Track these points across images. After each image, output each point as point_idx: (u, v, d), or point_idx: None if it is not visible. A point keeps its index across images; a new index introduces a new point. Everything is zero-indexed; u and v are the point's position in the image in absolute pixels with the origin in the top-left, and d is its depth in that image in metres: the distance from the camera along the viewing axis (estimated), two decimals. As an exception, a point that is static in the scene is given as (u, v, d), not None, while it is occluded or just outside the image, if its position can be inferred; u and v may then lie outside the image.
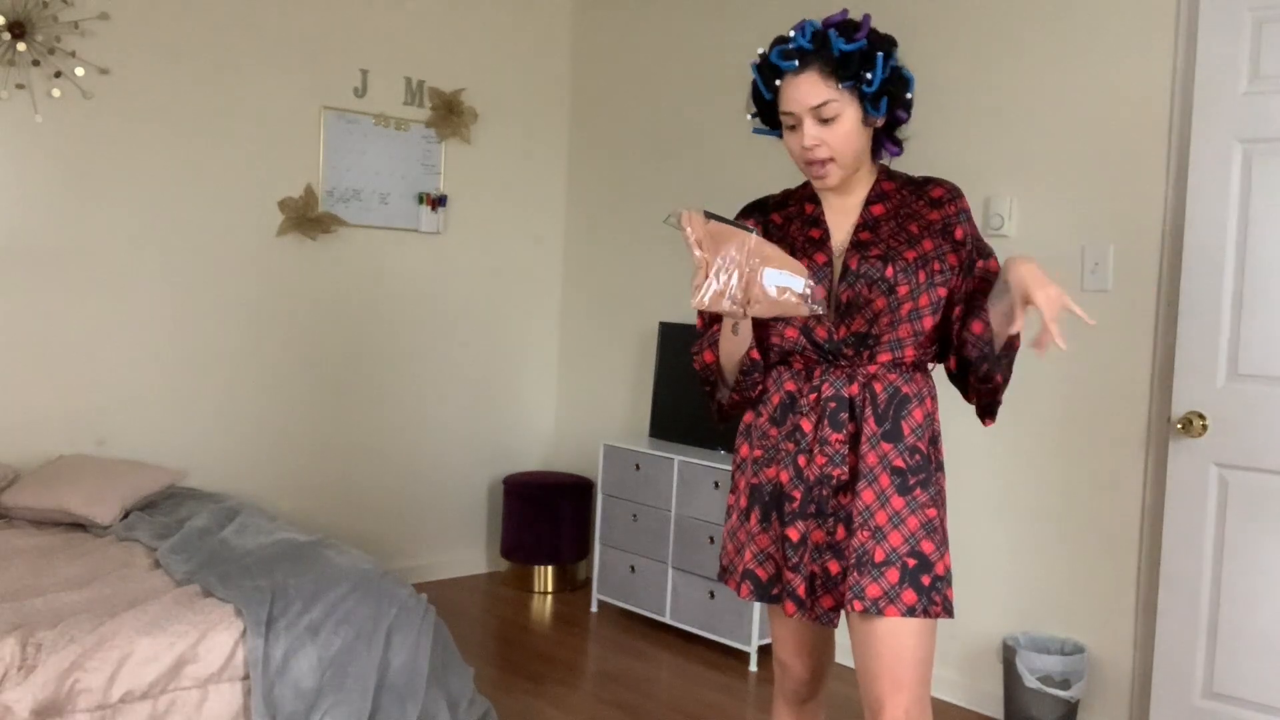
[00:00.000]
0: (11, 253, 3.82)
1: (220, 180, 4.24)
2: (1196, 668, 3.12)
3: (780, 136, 2.11)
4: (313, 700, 2.73)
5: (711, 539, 4.06)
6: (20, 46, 3.74)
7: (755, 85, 2.07)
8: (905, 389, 2.05)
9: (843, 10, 2.04)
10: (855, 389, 2.04)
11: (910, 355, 2.05)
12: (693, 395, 4.37)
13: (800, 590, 2.04)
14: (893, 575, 1.98)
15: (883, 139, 2.10)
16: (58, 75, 3.82)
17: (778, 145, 2.60)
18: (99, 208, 3.98)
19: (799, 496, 2.04)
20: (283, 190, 4.40)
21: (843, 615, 2.08)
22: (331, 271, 4.56)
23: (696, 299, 1.83)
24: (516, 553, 4.83)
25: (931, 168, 2.22)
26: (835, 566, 2.03)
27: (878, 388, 2.03)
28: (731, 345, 2.07)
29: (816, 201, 2.13)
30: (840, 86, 1.97)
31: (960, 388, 2.12)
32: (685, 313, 4.58)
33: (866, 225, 2.06)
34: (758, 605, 3.93)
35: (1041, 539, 3.54)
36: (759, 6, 4.38)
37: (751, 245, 1.82)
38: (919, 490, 2.02)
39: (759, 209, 2.20)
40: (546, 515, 4.76)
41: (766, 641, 4.00)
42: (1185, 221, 3.14)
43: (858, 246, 2.04)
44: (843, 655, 3.83)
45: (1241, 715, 3.04)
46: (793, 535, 2.04)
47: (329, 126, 4.50)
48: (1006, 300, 1.92)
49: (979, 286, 2.05)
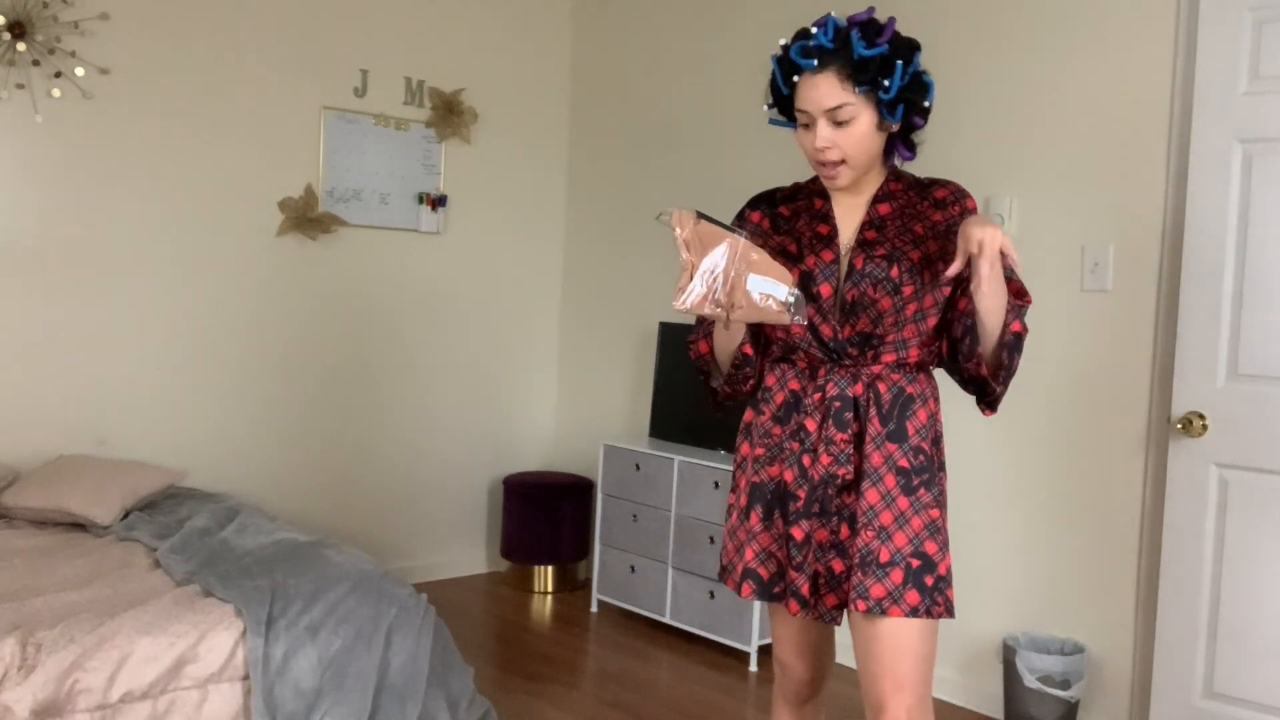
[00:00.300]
0: (11, 253, 3.82)
1: (220, 180, 4.24)
2: (1196, 668, 3.12)
3: (794, 128, 2.09)
4: (313, 700, 2.73)
5: (711, 539, 4.06)
6: (20, 46, 3.74)
7: (773, 78, 2.05)
8: (909, 389, 2.05)
9: (869, 9, 2.01)
10: (860, 389, 2.03)
11: (915, 356, 2.05)
12: (693, 395, 4.37)
13: (804, 589, 2.05)
14: (897, 575, 1.98)
15: (896, 142, 2.09)
16: (58, 75, 3.82)
17: (778, 145, 2.61)
18: (99, 208, 3.98)
19: (803, 495, 2.04)
20: (283, 190, 4.40)
21: (845, 615, 2.08)
22: (331, 271, 4.56)
23: (680, 301, 1.85)
24: (516, 553, 4.83)
25: (932, 168, 2.22)
26: (839, 565, 2.03)
27: (882, 388, 2.03)
28: (723, 339, 2.09)
29: (826, 197, 2.12)
30: (857, 90, 1.95)
31: (954, 374, 2.09)
32: (685, 314, 4.57)
33: (872, 224, 2.05)
34: (758, 605, 3.93)
35: (1041, 539, 3.54)
36: (759, 6, 4.38)
37: (739, 249, 1.82)
38: (923, 491, 2.02)
39: (767, 201, 2.19)
40: (546, 515, 4.76)
41: (766, 641, 4.00)
42: (1185, 221, 3.14)
43: (863, 246, 2.03)
44: (844, 655, 3.83)
45: (1241, 715, 3.04)
46: (797, 534, 2.05)
47: (329, 126, 4.50)
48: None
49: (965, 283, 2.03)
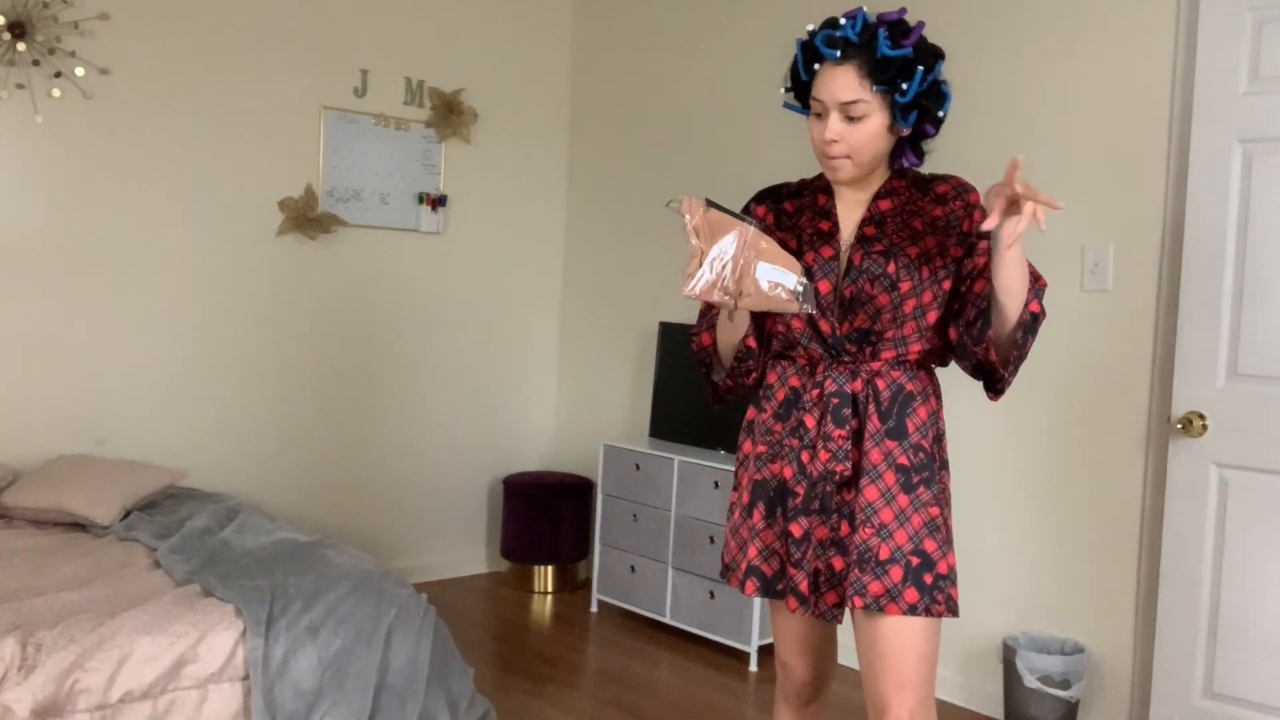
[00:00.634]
0: (11, 253, 3.82)
1: (220, 180, 4.24)
2: (1196, 668, 3.11)
3: (807, 115, 2.09)
4: (313, 700, 2.73)
5: (712, 539, 4.06)
6: (20, 46, 3.74)
7: (795, 62, 2.06)
8: (909, 386, 2.04)
9: (901, 9, 2.01)
10: (859, 385, 2.03)
11: (915, 353, 2.05)
12: (693, 395, 4.37)
13: (803, 586, 2.04)
14: (896, 573, 1.98)
15: (905, 148, 2.09)
16: (58, 75, 3.82)
17: (779, 144, 2.60)
18: (99, 208, 3.98)
19: (802, 492, 2.04)
20: (283, 190, 4.40)
21: (847, 614, 2.07)
22: (331, 271, 4.56)
23: (688, 287, 1.83)
24: (516, 553, 4.83)
25: (931, 168, 2.22)
26: (839, 563, 2.02)
27: (881, 384, 2.03)
28: (727, 332, 2.07)
29: (829, 193, 2.12)
30: (875, 89, 1.95)
31: (963, 359, 2.05)
32: (685, 313, 4.58)
33: (872, 220, 2.06)
34: (758, 605, 3.93)
35: (1041, 539, 3.54)
36: (759, 6, 4.38)
37: (749, 237, 1.82)
38: (923, 488, 2.02)
39: (772, 196, 2.19)
40: (546, 515, 4.76)
41: (766, 641, 4.00)
42: (1185, 221, 3.14)
43: (862, 242, 2.04)
44: (845, 656, 3.83)
45: (1241, 715, 3.04)
46: (795, 531, 2.04)
47: (329, 126, 4.50)
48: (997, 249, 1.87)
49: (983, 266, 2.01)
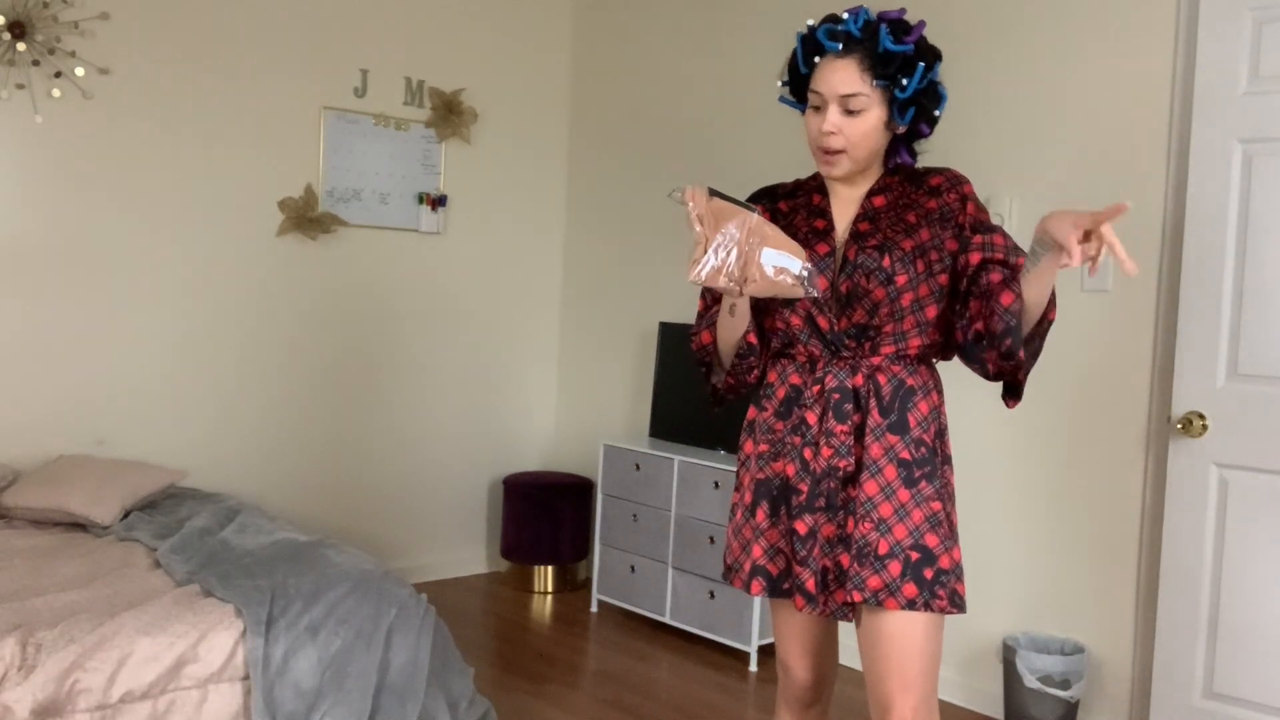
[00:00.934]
0: (11, 253, 3.82)
1: (220, 180, 4.24)
2: (1196, 668, 3.12)
3: (802, 110, 2.10)
4: (313, 700, 2.73)
5: (712, 539, 4.06)
6: (20, 46, 3.74)
7: (794, 55, 2.07)
8: (910, 381, 2.04)
9: (900, 9, 2.04)
10: (859, 380, 2.03)
11: (915, 347, 2.05)
12: (693, 395, 4.37)
13: (810, 585, 2.03)
14: (895, 568, 1.98)
15: (900, 147, 2.10)
16: (58, 75, 3.82)
17: (779, 143, 2.60)
18: (99, 208, 3.98)
19: (806, 489, 2.03)
20: (283, 190, 4.40)
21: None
22: (331, 271, 4.56)
23: (693, 273, 1.82)
24: (516, 553, 4.83)
25: (931, 165, 2.22)
26: (847, 560, 2.01)
27: (882, 379, 2.03)
28: (728, 327, 2.07)
29: (824, 193, 2.13)
30: (874, 84, 1.97)
31: (976, 364, 2.02)
32: (685, 313, 4.58)
33: (866, 216, 2.06)
34: (758, 605, 3.92)
35: (1042, 539, 3.54)
36: (759, 7, 4.38)
37: (752, 224, 1.82)
38: (924, 483, 2.02)
39: (768, 195, 2.21)
40: (546, 515, 4.76)
41: (766, 641, 4.00)
42: (1185, 221, 3.14)
43: (856, 238, 2.04)
44: (847, 655, 3.83)
45: (1241, 715, 3.04)
46: (800, 529, 2.03)
47: (329, 126, 4.50)
48: (1048, 257, 1.84)
49: (986, 260, 1.97)
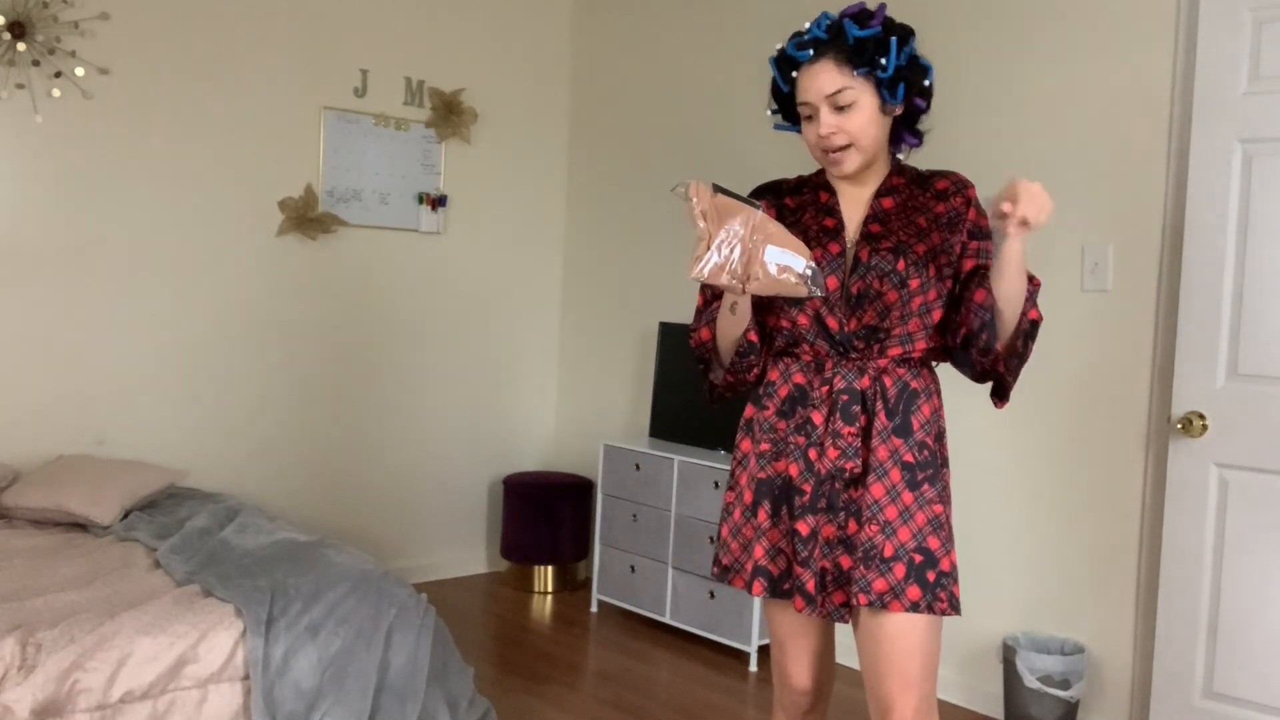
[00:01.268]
0: (11, 252, 3.82)
1: (220, 180, 4.24)
2: (1196, 668, 3.12)
3: (799, 132, 2.10)
4: (313, 700, 2.73)
5: (711, 539, 4.06)
6: (20, 46, 3.74)
7: (774, 80, 2.07)
8: (914, 384, 2.05)
9: (859, 3, 2.04)
10: (866, 382, 2.03)
11: (920, 350, 2.05)
12: (693, 395, 4.37)
13: (810, 585, 2.02)
14: (900, 570, 1.98)
15: (902, 130, 2.10)
16: (58, 75, 3.82)
17: (779, 144, 2.60)
18: (99, 208, 3.98)
19: (809, 490, 2.03)
20: (283, 190, 4.40)
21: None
22: (331, 271, 4.56)
23: (696, 270, 1.81)
24: (516, 553, 4.83)
25: (932, 167, 2.22)
26: (847, 561, 2.01)
27: (888, 382, 2.03)
28: (729, 325, 2.05)
29: (831, 190, 2.12)
30: (856, 74, 1.97)
31: (964, 367, 2.07)
32: (685, 313, 4.58)
33: (876, 218, 2.06)
34: (758, 605, 3.92)
35: (1042, 539, 3.54)
36: (759, 7, 4.39)
37: (756, 221, 1.80)
38: (926, 486, 2.02)
39: (773, 191, 2.19)
40: (546, 515, 4.76)
41: (766, 641, 4.00)
42: (1185, 221, 3.14)
43: (869, 239, 2.03)
44: (845, 655, 3.83)
45: (1241, 715, 3.04)
46: (802, 529, 2.03)
47: (329, 126, 4.50)
48: (1002, 243, 1.90)
49: (979, 266, 2.03)
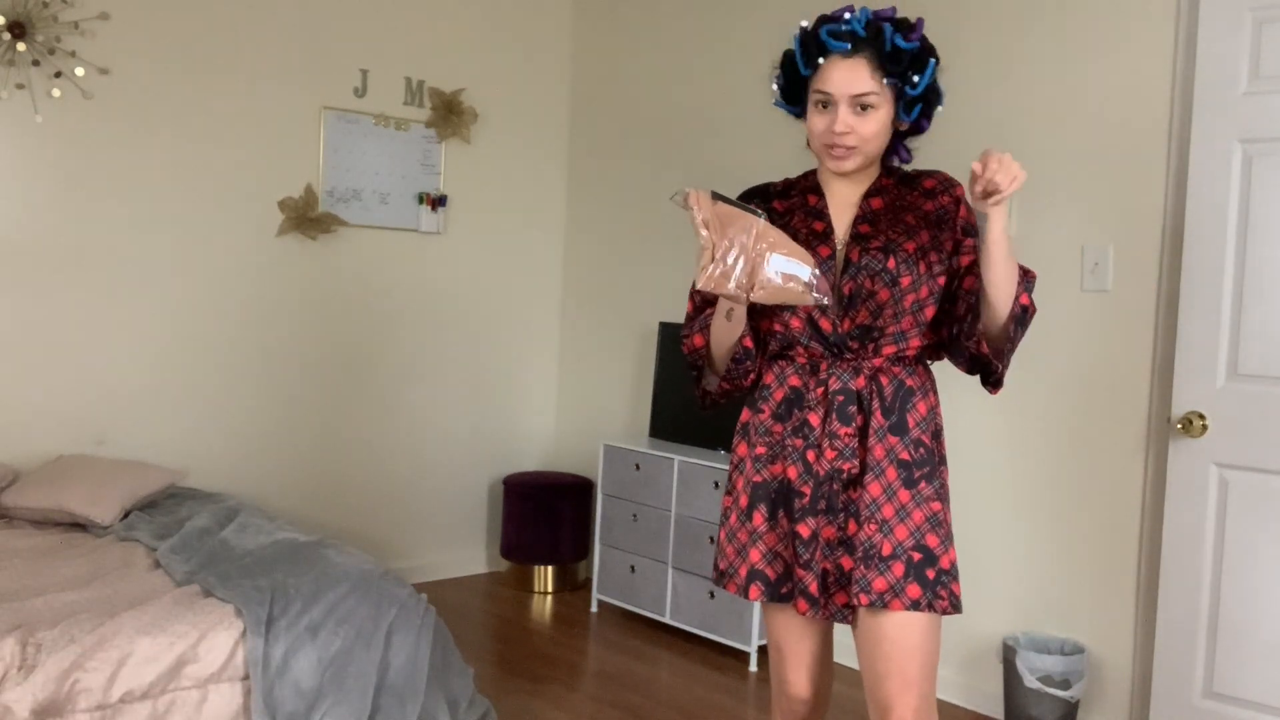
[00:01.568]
0: (11, 252, 3.82)
1: (220, 180, 4.24)
2: (1196, 668, 3.12)
3: (797, 115, 2.10)
4: (313, 700, 2.73)
5: (711, 539, 4.05)
6: (20, 46, 3.74)
7: (791, 57, 2.04)
8: (909, 382, 2.05)
9: (892, 7, 2.03)
10: (862, 382, 2.03)
11: (914, 347, 2.05)
12: (693, 395, 4.36)
13: (812, 588, 2.02)
14: (898, 569, 1.97)
15: (896, 144, 2.10)
16: (58, 75, 3.82)
17: (778, 143, 2.59)
18: (99, 208, 3.98)
19: (808, 492, 2.03)
20: (283, 190, 4.40)
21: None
22: (331, 271, 4.56)
23: (703, 281, 1.80)
24: (516, 553, 4.83)
25: (931, 167, 2.22)
26: (848, 562, 2.01)
27: (884, 380, 2.03)
28: (724, 331, 2.04)
29: (820, 193, 2.12)
30: (885, 82, 1.97)
31: (958, 356, 2.07)
32: (684, 312, 4.57)
33: (866, 218, 2.06)
34: (758, 605, 3.92)
35: (1042, 539, 3.54)
36: (759, 7, 4.38)
37: (759, 229, 1.80)
38: (924, 484, 2.02)
39: (761, 195, 2.18)
40: (546, 515, 4.76)
41: (766, 642, 3.99)
42: (1185, 221, 3.14)
43: (858, 239, 2.04)
44: (844, 655, 3.83)
45: (1241, 715, 3.04)
46: (803, 532, 2.02)
47: (329, 126, 4.50)
48: (987, 228, 1.90)
49: (975, 263, 2.03)
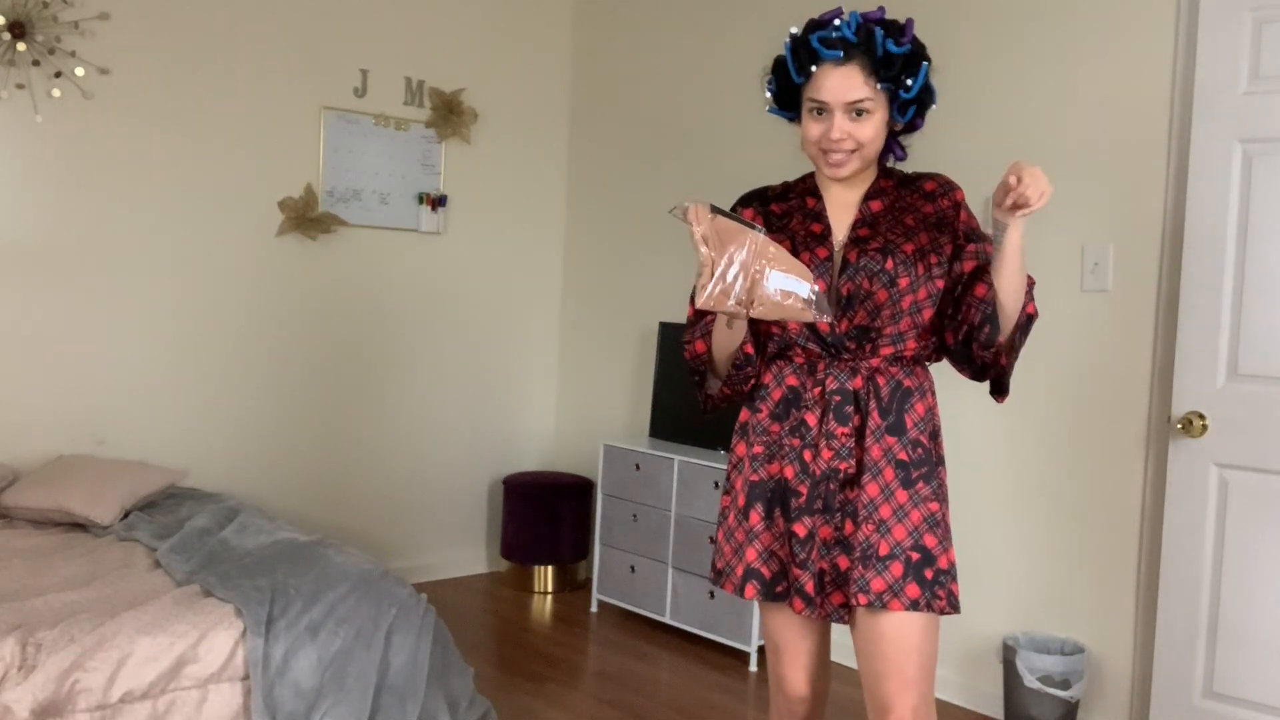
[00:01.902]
0: (11, 252, 3.82)
1: (220, 180, 4.24)
2: (1196, 668, 3.12)
3: (791, 119, 2.10)
4: (313, 700, 2.73)
5: (711, 539, 4.06)
6: (20, 46, 3.74)
7: (783, 65, 2.05)
8: (907, 382, 2.05)
9: (880, 8, 2.03)
10: (859, 382, 2.03)
11: (911, 349, 2.05)
12: (693, 395, 4.37)
13: (809, 587, 2.03)
14: (897, 569, 1.98)
15: (890, 142, 2.11)
16: (58, 75, 3.82)
17: (778, 144, 2.59)
18: (99, 208, 3.98)
19: (805, 492, 2.03)
20: (283, 190, 4.40)
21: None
22: (331, 271, 4.56)
23: (702, 300, 1.81)
24: (516, 553, 4.83)
25: (932, 167, 2.22)
26: (845, 562, 2.02)
27: (881, 381, 2.03)
28: (724, 339, 2.05)
29: (818, 196, 2.12)
30: (879, 86, 1.98)
31: (964, 364, 2.08)
32: (685, 313, 4.58)
33: (865, 221, 2.06)
34: (757, 605, 3.92)
35: (1042, 539, 3.54)
36: (757, 9, 4.38)
37: (758, 245, 1.80)
38: (921, 484, 2.02)
39: (758, 199, 2.18)
40: (546, 515, 4.76)
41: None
42: (1185, 221, 3.14)
43: (857, 241, 2.04)
44: (842, 653, 3.83)
45: (1241, 715, 3.04)
46: (799, 531, 2.03)
47: (329, 126, 4.50)
48: (1002, 236, 1.91)
49: (978, 268, 2.02)
